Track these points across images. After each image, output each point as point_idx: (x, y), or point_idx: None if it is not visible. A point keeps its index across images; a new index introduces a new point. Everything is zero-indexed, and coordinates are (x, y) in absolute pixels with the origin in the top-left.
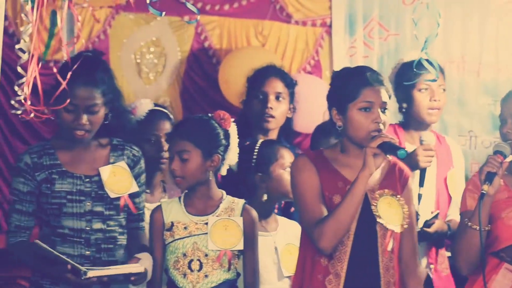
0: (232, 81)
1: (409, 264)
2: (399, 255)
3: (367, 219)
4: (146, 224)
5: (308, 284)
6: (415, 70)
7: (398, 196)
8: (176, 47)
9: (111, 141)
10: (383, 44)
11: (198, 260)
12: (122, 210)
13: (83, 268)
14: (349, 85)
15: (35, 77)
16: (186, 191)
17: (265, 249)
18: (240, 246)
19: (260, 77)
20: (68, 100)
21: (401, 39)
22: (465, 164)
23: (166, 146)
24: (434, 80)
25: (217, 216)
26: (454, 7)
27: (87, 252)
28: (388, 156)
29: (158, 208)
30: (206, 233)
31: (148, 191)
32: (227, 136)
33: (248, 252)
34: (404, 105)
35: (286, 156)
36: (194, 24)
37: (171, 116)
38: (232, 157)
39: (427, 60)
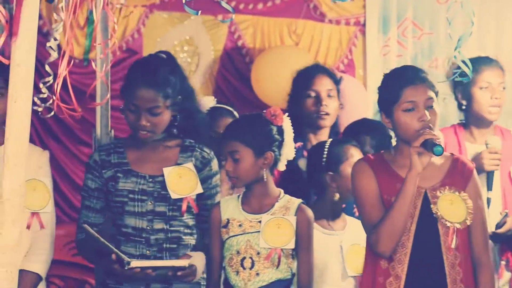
0: (265, 80)
1: (482, 259)
2: (471, 250)
3: (428, 218)
4: None
5: (371, 287)
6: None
7: (461, 191)
8: (210, 46)
9: (183, 142)
10: (417, 43)
11: (251, 258)
12: (185, 211)
13: (126, 258)
14: (390, 87)
15: (65, 75)
16: (245, 189)
17: (330, 249)
18: (292, 245)
19: (308, 76)
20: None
21: (434, 38)
22: None
23: None
24: (468, 79)
25: (271, 214)
26: (489, 5)
27: (148, 252)
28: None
29: (217, 205)
30: (259, 231)
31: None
32: (280, 132)
33: (302, 252)
34: (464, 102)
35: (356, 155)
36: (228, 23)
37: (235, 114)
38: (288, 152)
39: (463, 61)
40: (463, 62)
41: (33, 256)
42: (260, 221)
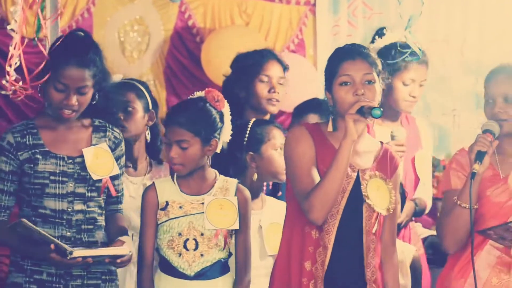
0: (215, 60)
1: (388, 249)
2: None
3: (356, 198)
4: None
5: (299, 258)
6: (398, 50)
7: (388, 180)
8: (160, 25)
9: (92, 122)
10: (367, 23)
11: (194, 239)
12: (103, 192)
13: (69, 248)
14: (331, 62)
15: (19, 56)
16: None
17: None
18: (236, 226)
19: (260, 60)
20: (55, 80)
21: (385, 18)
22: (448, 142)
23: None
24: (417, 59)
25: (212, 195)
26: None
27: (68, 233)
28: (367, 120)
29: (152, 187)
30: (202, 213)
31: (130, 165)
32: (221, 117)
33: (241, 231)
34: (382, 86)
35: (278, 137)
36: (178, 2)
37: (141, 87)
38: (226, 135)
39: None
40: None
41: None
42: (202, 203)
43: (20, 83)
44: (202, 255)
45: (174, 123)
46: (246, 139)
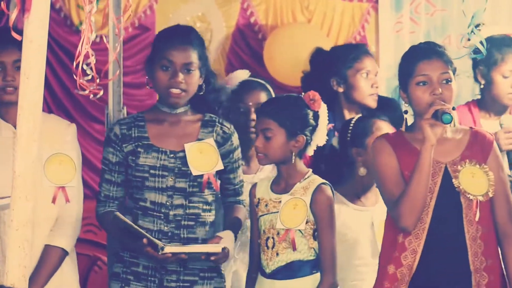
0: (277, 58)
1: (507, 230)
2: (493, 222)
3: (449, 193)
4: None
5: (387, 262)
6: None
7: (482, 164)
8: (222, 22)
9: (203, 117)
10: (429, 20)
11: (272, 238)
12: (205, 188)
13: (160, 244)
14: (407, 61)
15: (87, 53)
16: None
17: (361, 225)
18: (302, 227)
19: (360, 54)
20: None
21: (447, 15)
22: None
23: (254, 116)
24: (482, 56)
25: (290, 194)
26: None
27: (166, 228)
28: (449, 124)
29: (255, 184)
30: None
31: (243, 163)
32: (316, 117)
33: (322, 232)
34: (482, 82)
35: (384, 128)
36: None
37: (269, 87)
38: (320, 138)
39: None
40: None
41: (58, 230)
42: (281, 201)
43: (98, 80)
44: (277, 254)
45: (262, 113)
46: (349, 134)
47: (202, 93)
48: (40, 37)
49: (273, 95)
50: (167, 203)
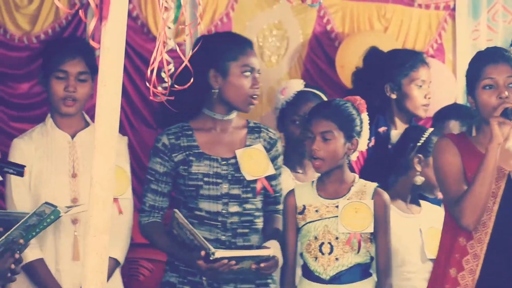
0: (349, 66)
1: None
2: None
3: (511, 200)
4: None
5: (446, 264)
6: None
7: None
8: (298, 30)
9: (247, 123)
10: (507, 28)
11: (329, 243)
12: (259, 193)
13: (212, 248)
14: (474, 66)
15: (160, 61)
16: (319, 175)
17: (409, 231)
18: (370, 229)
19: (416, 63)
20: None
21: None
22: None
23: None
24: None
25: (347, 199)
26: None
27: (223, 237)
28: None
29: (291, 192)
30: (337, 216)
31: (300, 171)
32: (361, 121)
33: (380, 235)
34: None
35: None
36: (317, 7)
37: (324, 98)
38: (363, 143)
39: None
40: None
41: (111, 241)
42: (337, 206)
43: (165, 85)
44: (337, 259)
45: (319, 115)
46: (419, 143)
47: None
48: (117, 45)
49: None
50: (223, 211)
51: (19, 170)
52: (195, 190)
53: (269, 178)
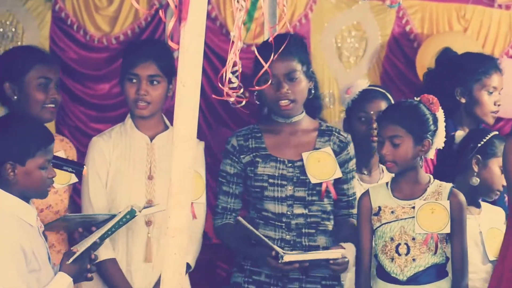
0: (430, 66)
1: None
2: None
3: None
4: None
5: (510, 267)
6: None
7: None
8: (377, 31)
9: (319, 126)
10: None
11: (406, 244)
12: (324, 196)
13: (281, 252)
14: None
15: (235, 62)
16: (393, 176)
17: (470, 232)
18: (447, 230)
19: (488, 69)
20: (270, 82)
21: None
22: None
23: (375, 124)
24: None
25: (424, 200)
26: None
27: (288, 236)
28: None
29: (366, 194)
30: (413, 217)
31: (365, 172)
32: (435, 120)
33: (456, 236)
34: None
35: None
36: (396, 8)
37: (389, 96)
38: (439, 141)
39: None
40: None
41: None
42: (413, 207)
43: (242, 90)
44: (414, 259)
45: (387, 120)
46: (480, 144)
47: (311, 96)
48: (196, 46)
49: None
50: (288, 213)
51: (79, 169)
52: (260, 191)
53: (340, 182)
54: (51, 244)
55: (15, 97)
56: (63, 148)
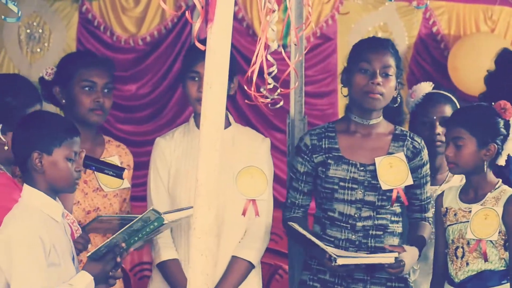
0: (462, 68)
1: None
2: None
3: None
4: None
5: None
6: None
7: None
8: (404, 32)
9: (394, 130)
10: None
11: (462, 247)
12: (394, 202)
13: (333, 255)
14: None
15: (270, 63)
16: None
17: None
18: (494, 237)
19: None
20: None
21: None
22: None
23: (439, 129)
24: None
25: (481, 204)
26: None
27: (353, 237)
28: None
29: (441, 194)
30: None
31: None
32: (507, 126)
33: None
34: None
35: None
36: (423, 9)
37: (454, 99)
38: (511, 147)
39: None
40: None
41: (246, 243)
42: (470, 211)
43: (279, 90)
44: (467, 264)
45: (453, 122)
46: None
47: (396, 105)
48: (223, 47)
49: (458, 107)
50: (355, 215)
51: (119, 172)
52: (330, 193)
53: (413, 187)
54: (96, 246)
55: (64, 101)
56: (118, 154)
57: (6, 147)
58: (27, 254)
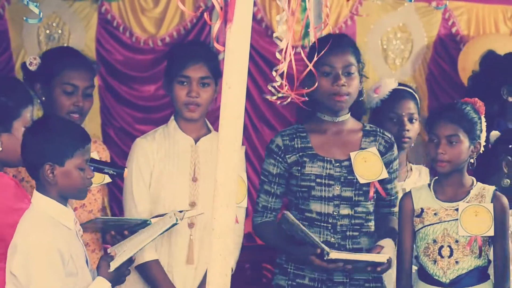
0: (471, 68)
1: None
2: None
3: None
4: None
5: None
6: None
7: None
8: (423, 32)
9: (363, 126)
10: None
11: (449, 246)
12: (372, 197)
13: (326, 248)
14: None
15: (290, 62)
16: (436, 177)
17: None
18: (491, 233)
19: None
20: (315, 86)
21: None
22: None
23: (408, 125)
24: None
25: (467, 202)
26: None
27: (332, 239)
28: None
29: (408, 194)
30: (457, 219)
31: None
32: (481, 123)
33: (499, 239)
34: None
35: None
36: (442, 9)
37: (416, 96)
38: (481, 145)
39: None
40: None
41: None
42: (456, 209)
43: (286, 88)
44: (457, 262)
45: (445, 119)
46: (511, 146)
47: (362, 98)
48: (242, 48)
49: (419, 104)
50: (334, 213)
51: (120, 171)
52: (307, 191)
53: (384, 182)
54: (86, 243)
55: (43, 99)
56: (96, 150)
57: (0, 148)
58: (46, 269)
